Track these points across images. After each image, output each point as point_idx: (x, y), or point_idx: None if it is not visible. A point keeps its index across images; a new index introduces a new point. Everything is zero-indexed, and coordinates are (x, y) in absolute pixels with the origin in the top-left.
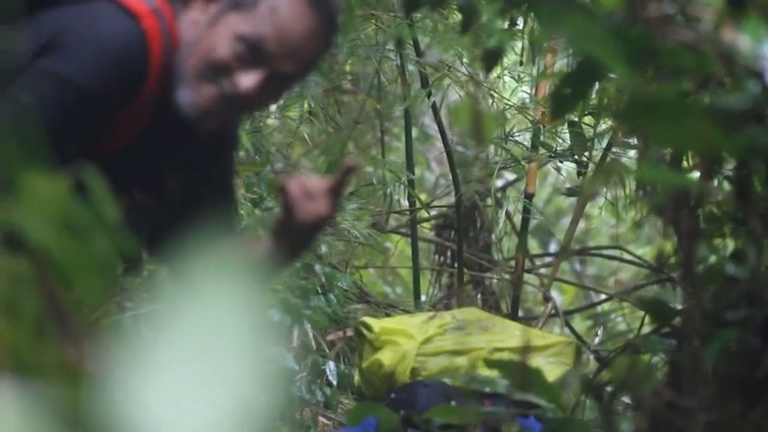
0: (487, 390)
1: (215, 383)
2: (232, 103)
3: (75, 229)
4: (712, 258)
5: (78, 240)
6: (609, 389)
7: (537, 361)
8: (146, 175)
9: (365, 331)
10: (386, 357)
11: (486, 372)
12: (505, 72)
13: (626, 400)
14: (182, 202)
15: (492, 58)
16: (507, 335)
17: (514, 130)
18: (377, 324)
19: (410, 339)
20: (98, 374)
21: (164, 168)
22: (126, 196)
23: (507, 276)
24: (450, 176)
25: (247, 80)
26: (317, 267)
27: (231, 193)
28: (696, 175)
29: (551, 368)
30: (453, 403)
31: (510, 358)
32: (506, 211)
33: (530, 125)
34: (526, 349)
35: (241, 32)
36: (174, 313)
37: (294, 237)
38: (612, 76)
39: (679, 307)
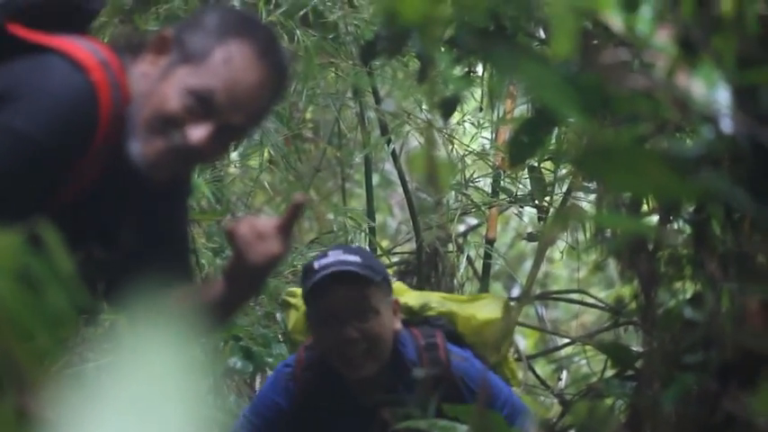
0: None
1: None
2: (183, 156)
3: (30, 281)
4: (671, 302)
5: (34, 293)
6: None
7: (468, 308)
8: (100, 227)
9: (291, 299)
10: None
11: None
12: (465, 118)
13: None
14: (137, 252)
15: (449, 106)
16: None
17: (475, 176)
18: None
19: None
20: (47, 424)
21: (118, 219)
22: (80, 248)
23: None
24: (411, 222)
25: (197, 133)
26: (279, 315)
27: (186, 241)
28: (655, 219)
29: (483, 313)
30: None
31: (438, 314)
32: (468, 257)
33: (490, 171)
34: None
35: (191, 86)
36: (120, 365)
37: (247, 278)
38: (570, 121)
39: (639, 350)
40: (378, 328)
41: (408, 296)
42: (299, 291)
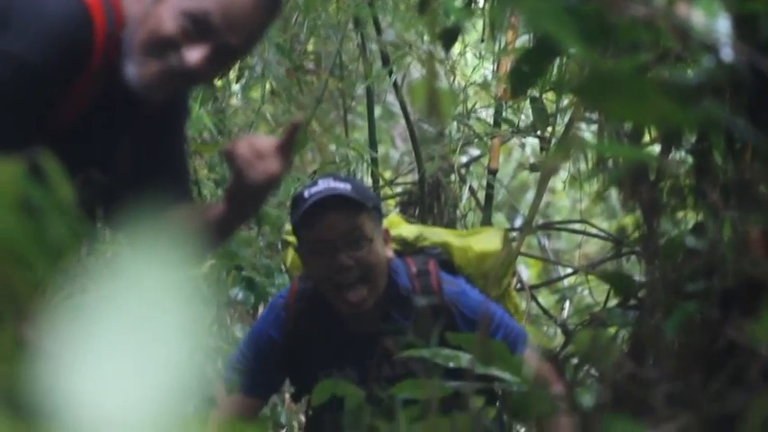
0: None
1: (152, 360)
2: (179, 77)
3: (30, 210)
4: (673, 231)
5: (34, 222)
6: (573, 362)
7: (465, 240)
8: (98, 151)
9: (290, 238)
10: None
11: (405, 229)
12: (467, 49)
13: (590, 372)
14: (135, 175)
15: (450, 37)
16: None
17: (477, 107)
18: None
19: None
20: (40, 351)
21: (115, 143)
22: (79, 173)
23: None
24: (414, 153)
25: (194, 54)
26: (281, 245)
27: (184, 163)
28: (657, 148)
29: (480, 245)
30: None
31: (433, 244)
32: (470, 187)
33: (492, 102)
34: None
35: (186, 7)
36: (120, 292)
37: (247, 197)
38: (571, 51)
39: (642, 279)
40: (371, 256)
41: (403, 228)
42: None
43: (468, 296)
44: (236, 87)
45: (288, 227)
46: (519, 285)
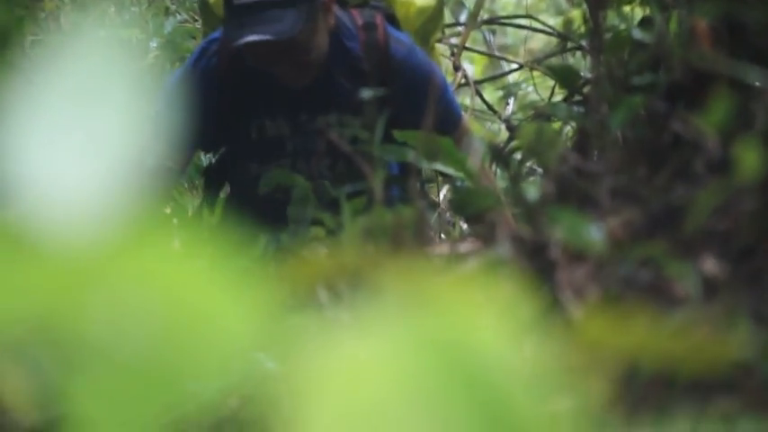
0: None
1: (99, 139)
2: None
3: None
4: (620, 25)
5: None
6: (517, 156)
7: None
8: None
9: None
10: None
11: None
12: None
13: (535, 167)
14: None
15: None
16: None
17: None
18: None
19: None
20: None
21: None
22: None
23: None
24: None
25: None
26: None
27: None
28: None
29: (422, 1)
30: None
31: None
32: None
33: None
34: None
35: None
36: (59, 74)
37: None
38: None
39: (587, 74)
40: (312, 53)
41: None
42: None
43: (415, 57)
44: None
45: None
46: (463, 81)
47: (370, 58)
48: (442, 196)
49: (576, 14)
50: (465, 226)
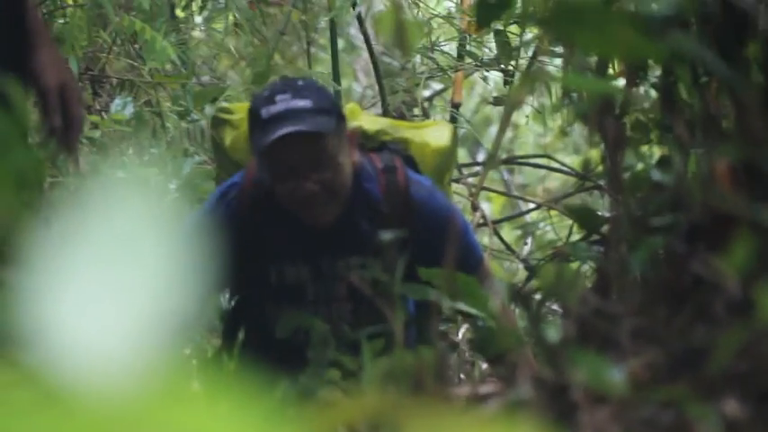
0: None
1: (133, 290)
2: None
3: None
4: (639, 165)
5: None
6: (537, 296)
7: (420, 135)
8: None
9: (226, 116)
10: None
11: (366, 121)
12: None
13: (554, 307)
14: None
15: None
16: (387, 122)
17: (440, 40)
18: (238, 106)
19: None
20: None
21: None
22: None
23: None
24: (377, 87)
25: None
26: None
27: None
28: (622, 81)
29: (435, 141)
30: None
31: (394, 139)
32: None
33: (456, 35)
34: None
35: None
36: (85, 224)
37: None
38: None
39: (606, 214)
40: (337, 176)
41: (363, 119)
42: (234, 107)
43: (435, 199)
44: (198, 19)
45: (220, 105)
46: (482, 220)
47: (391, 200)
48: (461, 335)
49: (594, 154)
50: (485, 365)
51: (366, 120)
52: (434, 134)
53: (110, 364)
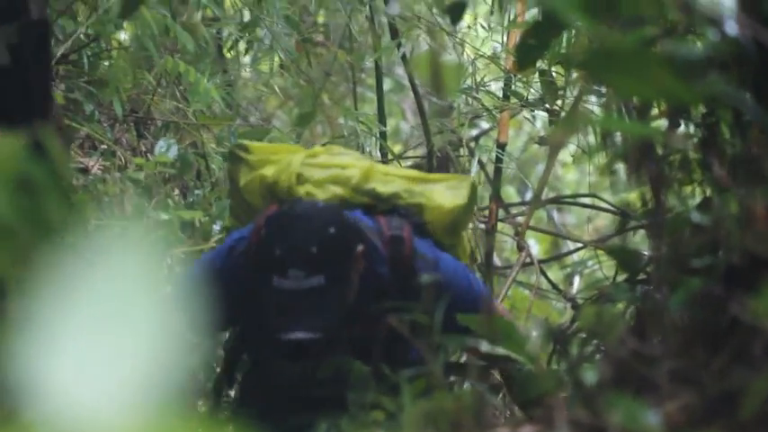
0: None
1: (125, 349)
2: None
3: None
4: (680, 206)
5: (27, 197)
6: (578, 337)
7: (435, 196)
8: None
9: (242, 154)
10: (268, 171)
11: (380, 183)
12: (477, 22)
13: (597, 348)
14: None
15: (457, 10)
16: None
17: (486, 80)
18: (257, 146)
19: (295, 153)
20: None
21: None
22: None
23: (481, 225)
24: (422, 127)
25: None
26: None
27: None
28: (664, 123)
29: (450, 201)
30: None
31: (396, 179)
32: (479, 161)
33: (501, 75)
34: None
35: None
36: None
37: None
38: (578, 25)
39: (647, 255)
40: (348, 301)
41: (376, 180)
42: (254, 146)
43: (437, 272)
44: (245, 60)
45: (238, 141)
46: (528, 260)
47: (395, 272)
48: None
49: (636, 194)
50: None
51: (380, 181)
52: (452, 192)
53: (108, 417)
